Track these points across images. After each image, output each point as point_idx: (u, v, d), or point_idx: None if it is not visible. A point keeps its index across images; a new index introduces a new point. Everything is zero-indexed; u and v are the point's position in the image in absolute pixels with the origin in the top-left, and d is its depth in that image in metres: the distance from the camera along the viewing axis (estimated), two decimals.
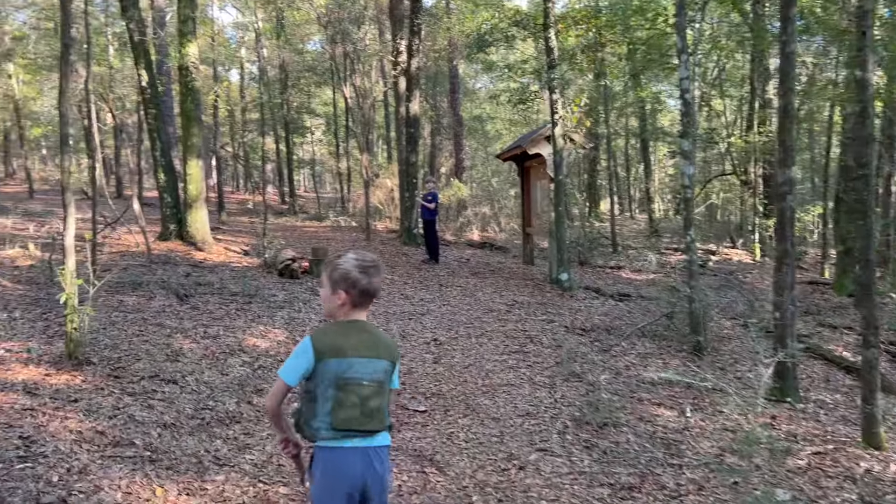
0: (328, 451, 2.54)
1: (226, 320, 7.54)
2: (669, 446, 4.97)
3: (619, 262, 14.27)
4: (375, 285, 2.64)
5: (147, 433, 4.65)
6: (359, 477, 2.52)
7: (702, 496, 4.19)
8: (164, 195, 12.92)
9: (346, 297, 2.60)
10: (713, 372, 6.74)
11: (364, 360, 2.57)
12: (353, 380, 2.53)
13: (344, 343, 2.56)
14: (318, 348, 2.53)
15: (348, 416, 2.52)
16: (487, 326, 8.31)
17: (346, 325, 2.62)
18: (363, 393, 2.55)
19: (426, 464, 4.57)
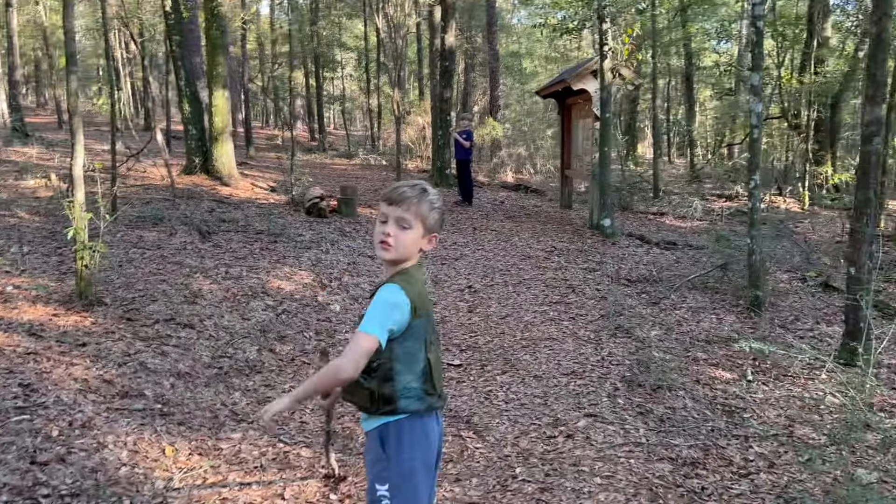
0: (419, 421, 2.18)
1: (249, 260, 7.12)
2: (732, 414, 4.46)
3: (662, 209, 13.57)
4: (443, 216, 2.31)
5: (159, 383, 4.27)
6: (439, 440, 2.27)
7: (773, 474, 3.69)
8: (188, 127, 12.47)
9: (436, 242, 2.24)
10: (773, 330, 6.19)
11: (432, 312, 2.27)
12: (434, 336, 2.25)
13: (426, 295, 2.20)
14: (414, 303, 2.10)
15: (439, 378, 2.24)
16: (525, 274, 7.81)
17: (419, 273, 2.21)
18: (439, 349, 2.29)
19: (463, 426, 4.13)
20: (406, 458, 2.16)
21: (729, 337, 5.93)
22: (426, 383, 2.17)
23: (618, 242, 9.44)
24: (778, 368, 5.29)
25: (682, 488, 3.43)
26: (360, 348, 2.02)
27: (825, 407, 4.66)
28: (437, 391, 2.21)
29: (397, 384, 2.13)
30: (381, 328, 2.04)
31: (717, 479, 3.55)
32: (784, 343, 5.79)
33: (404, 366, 2.13)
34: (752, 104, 6.32)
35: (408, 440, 2.16)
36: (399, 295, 2.08)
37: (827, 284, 7.75)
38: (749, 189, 6.51)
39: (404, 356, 2.13)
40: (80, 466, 3.27)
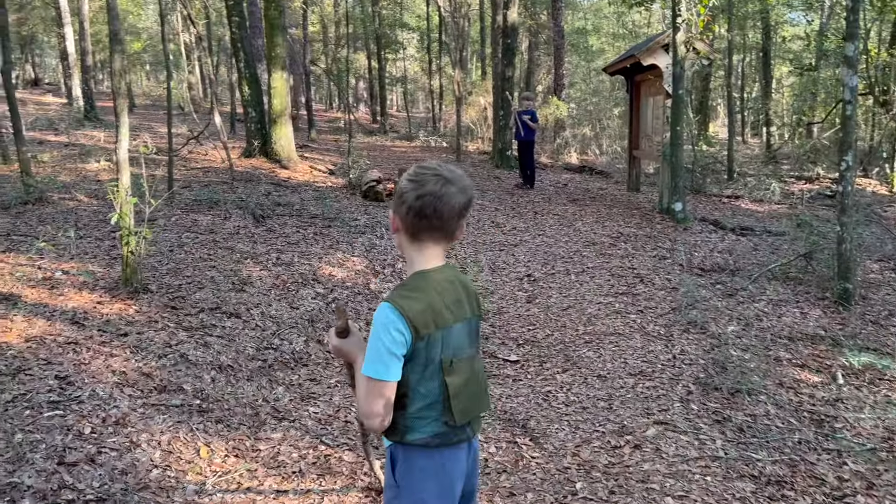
0: (434, 452, 1.84)
1: (302, 245, 6.92)
2: (821, 423, 3.99)
3: (737, 191, 12.82)
4: (452, 204, 1.82)
5: (199, 377, 4.08)
6: (465, 472, 1.92)
7: (873, 497, 3.23)
8: (248, 109, 12.41)
9: (397, 223, 1.90)
10: (865, 326, 5.61)
11: (463, 325, 1.88)
12: (461, 354, 1.85)
13: (442, 307, 1.82)
14: (414, 322, 1.75)
15: (466, 406, 1.85)
16: (589, 262, 7.37)
17: (439, 275, 1.86)
18: (474, 368, 1.90)
19: (518, 431, 3.80)
20: (418, 489, 1.85)
21: (815, 334, 5.39)
22: (444, 413, 1.81)
23: (690, 228, 8.87)
24: (873, 371, 4.75)
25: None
26: (370, 398, 1.75)
27: None
28: (458, 422, 1.83)
29: (407, 411, 1.81)
30: (382, 366, 1.73)
31: (807, 503, 3.12)
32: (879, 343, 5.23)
33: (415, 392, 1.80)
34: (846, 77, 5.69)
35: (419, 472, 1.85)
36: (389, 317, 1.74)
37: None
38: (841, 171, 5.90)
39: (413, 381, 1.79)
40: (109, 468, 3.09)
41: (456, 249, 7.87)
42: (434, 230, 1.81)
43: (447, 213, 1.79)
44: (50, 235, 6.09)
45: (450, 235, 1.84)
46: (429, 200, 1.77)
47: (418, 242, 1.84)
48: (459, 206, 1.80)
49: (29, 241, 6.01)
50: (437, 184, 1.79)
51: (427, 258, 1.84)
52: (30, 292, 4.82)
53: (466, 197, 1.82)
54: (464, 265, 7.29)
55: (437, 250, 1.85)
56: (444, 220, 1.79)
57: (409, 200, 1.79)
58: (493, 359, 4.93)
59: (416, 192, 1.79)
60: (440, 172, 1.81)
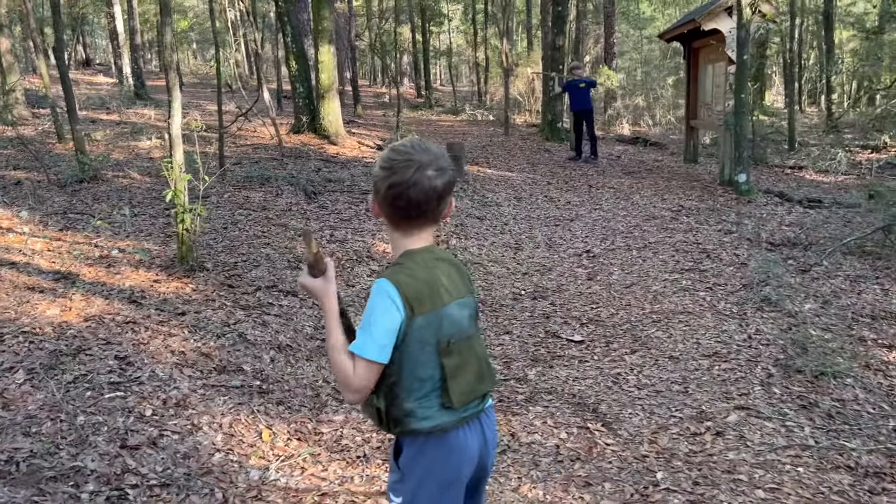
0: (441, 439, 1.75)
1: (354, 222, 6.80)
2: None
3: (800, 162, 12.27)
4: (423, 188, 1.68)
5: (258, 357, 3.99)
6: (475, 457, 1.82)
7: None
8: (296, 85, 12.32)
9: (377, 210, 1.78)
10: None
11: (460, 303, 1.76)
12: (461, 333, 1.74)
13: (439, 284, 1.72)
14: (408, 298, 1.65)
15: (466, 388, 1.75)
16: (650, 237, 7.09)
17: (427, 256, 1.76)
18: (474, 348, 1.79)
19: (589, 416, 3.61)
20: (422, 476, 1.77)
21: None
22: (443, 396, 1.72)
23: (754, 200, 8.48)
24: None
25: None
26: (358, 376, 1.64)
27: None
28: (456, 405, 1.73)
29: (405, 402, 1.71)
30: (377, 347, 1.63)
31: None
32: None
33: (410, 376, 1.69)
34: None
35: (422, 458, 1.77)
36: (387, 295, 1.64)
37: None
38: None
39: (408, 364, 1.68)
40: (171, 451, 3.01)
41: (510, 225, 7.67)
42: (412, 218, 1.71)
43: (423, 199, 1.67)
44: (105, 213, 6.08)
45: (433, 218, 1.74)
46: (400, 190, 1.66)
47: (402, 230, 1.74)
48: (436, 191, 1.68)
49: (85, 219, 6.02)
50: (408, 170, 1.66)
51: (412, 241, 1.74)
52: (87, 271, 4.79)
53: (444, 179, 1.69)
54: (518, 241, 7.08)
55: (423, 234, 1.75)
56: (422, 207, 1.68)
57: (381, 189, 1.69)
58: (555, 339, 4.74)
59: (388, 181, 1.67)
60: (412, 157, 1.68)
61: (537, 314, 5.17)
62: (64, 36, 7.17)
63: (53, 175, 7.40)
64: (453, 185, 1.74)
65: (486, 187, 9.33)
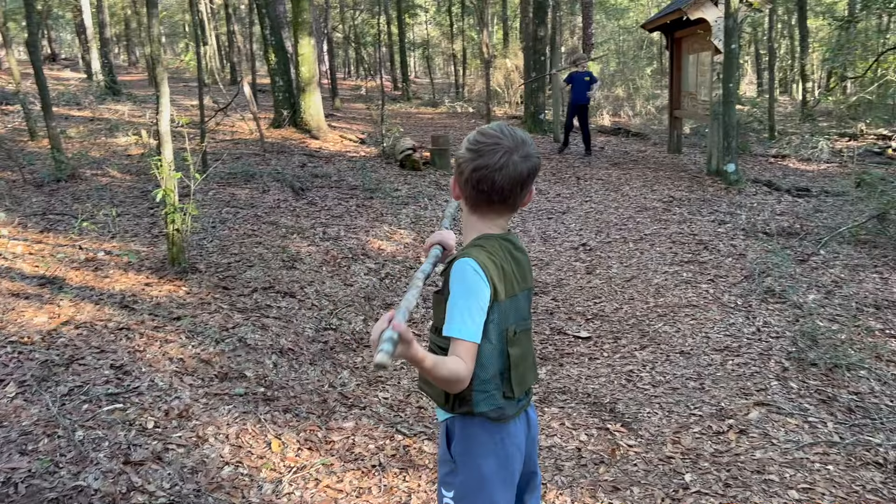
0: (497, 427, 1.74)
1: (346, 218, 6.64)
2: None
3: (782, 151, 12.31)
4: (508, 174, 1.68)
5: (260, 362, 3.83)
6: (524, 449, 1.82)
7: None
8: (275, 78, 12.07)
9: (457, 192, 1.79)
10: None
11: (525, 294, 1.79)
12: (523, 324, 1.77)
13: (510, 272, 1.73)
14: (493, 281, 1.65)
15: (522, 378, 1.77)
16: (645, 228, 7.02)
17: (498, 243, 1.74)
18: (531, 339, 1.83)
19: (606, 417, 3.52)
20: (476, 465, 1.74)
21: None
22: (504, 384, 1.72)
23: (744, 190, 8.46)
24: None
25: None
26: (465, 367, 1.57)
27: None
28: (515, 394, 1.74)
29: (472, 382, 1.67)
30: (475, 327, 1.60)
31: None
32: None
33: (479, 361, 1.66)
34: None
35: (478, 445, 1.74)
36: (476, 274, 1.62)
37: None
38: None
39: (483, 348, 1.66)
40: (178, 466, 2.85)
41: None
42: (493, 203, 1.71)
43: (507, 185, 1.67)
44: (88, 214, 5.85)
45: (513, 205, 1.74)
46: (486, 174, 1.66)
47: (479, 211, 1.74)
48: (522, 177, 1.68)
49: (66, 220, 5.79)
50: (495, 154, 1.66)
51: (489, 226, 1.74)
52: (74, 275, 4.58)
53: (530, 164, 1.69)
54: None
55: (500, 220, 1.75)
56: (505, 192, 1.68)
57: (465, 172, 1.69)
58: (562, 335, 4.64)
59: (474, 164, 1.67)
60: (500, 141, 1.67)
61: (540, 310, 5.07)
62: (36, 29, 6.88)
63: (29, 174, 7.12)
64: (537, 172, 1.72)
65: None
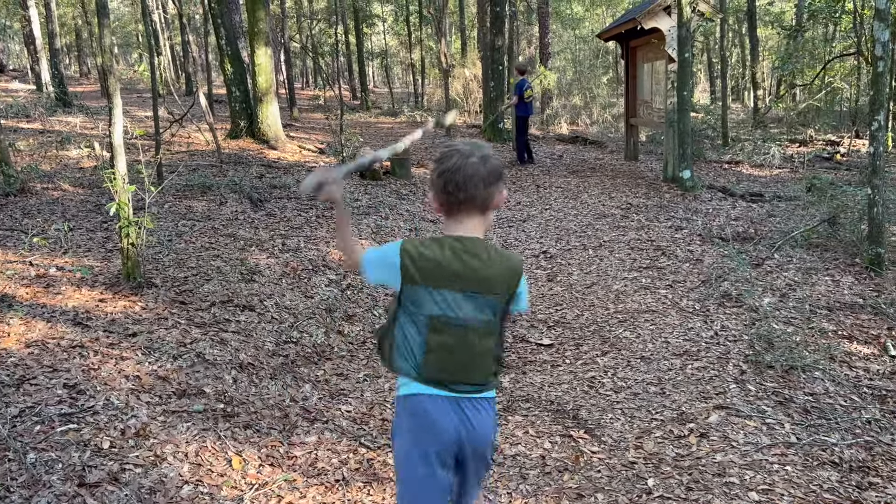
0: (420, 402, 1.93)
1: (306, 230, 6.58)
2: (884, 399, 3.77)
3: (735, 157, 12.61)
4: (456, 178, 1.87)
5: (219, 378, 3.76)
6: (453, 436, 1.92)
7: None
8: (231, 89, 11.91)
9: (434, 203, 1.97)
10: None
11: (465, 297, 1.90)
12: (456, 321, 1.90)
13: (446, 268, 1.88)
14: (406, 263, 1.88)
15: (441, 367, 1.91)
16: (604, 235, 7.10)
17: (449, 241, 1.91)
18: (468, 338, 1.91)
19: (570, 424, 3.54)
20: (399, 443, 1.99)
21: (853, 302, 5.18)
22: (425, 367, 1.91)
23: (699, 196, 8.63)
24: None
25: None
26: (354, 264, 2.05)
27: None
28: (426, 375, 1.91)
29: (394, 353, 1.96)
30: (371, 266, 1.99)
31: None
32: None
33: (399, 331, 1.94)
34: (878, 31, 5.43)
35: (397, 426, 2.00)
36: (394, 246, 1.91)
37: None
38: (872, 131, 5.66)
39: (403, 321, 1.93)
40: (135, 487, 2.78)
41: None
42: (461, 203, 1.88)
43: (469, 184, 1.86)
44: (39, 229, 5.69)
45: (481, 205, 1.90)
46: (448, 176, 1.87)
47: (453, 218, 1.91)
48: (481, 175, 1.87)
49: (16, 236, 5.61)
50: (453, 158, 1.88)
51: (458, 229, 1.91)
52: (24, 292, 4.44)
53: (489, 166, 1.88)
54: None
55: (468, 223, 1.91)
56: (468, 191, 1.86)
57: (435, 181, 1.91)
58: (524, 343, 4.66)
59: (438, 170, 1.90)
60: (458, 148, 1.91)
61: None
62: None
63: None
64: (499, 175, 1.91)
65: None
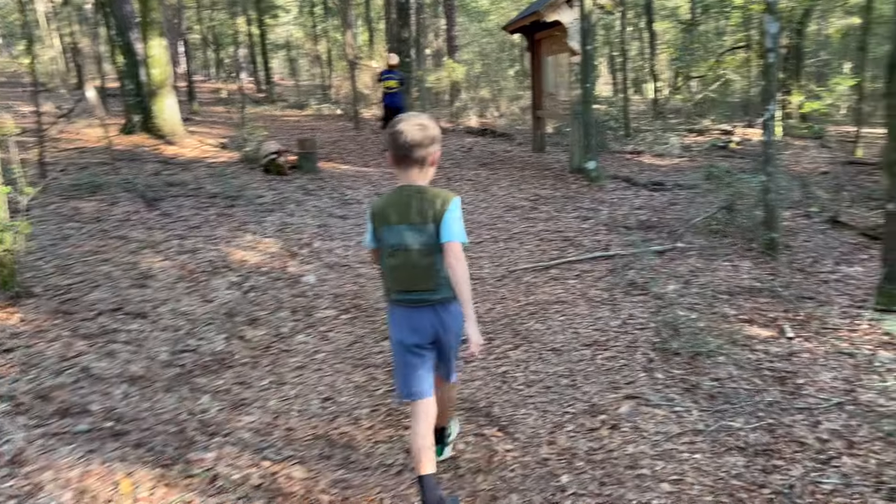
0: (392, 309, 2.70)
1: (205, 229, 6.26)
2: (783, 381, 3.88)
3: (637, 147, 12.95)
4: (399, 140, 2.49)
5: (107, 394, 3.48)
6: (428, 331, 2.62)
7: (857, 457, 3.12)
8: (124, 82, 11.30)
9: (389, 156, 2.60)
10: (794, 275, 5.64)
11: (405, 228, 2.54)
12: (400, 246, 2.55)
13: (389, 210, 2.56)
14: (373, 212, 2.63)
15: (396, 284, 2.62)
16: (514, 227, 7.10)
17: (395, 191, 2.59)
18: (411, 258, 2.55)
19: (483, 422, 3.46)
20: (390, 328, 2.73)
21: (752, 286, 5.35)
22: (387, 281, 2.66)
23: (604, 186, 8.78)
24: (815, 319, 4.73)
25: (767, 489, 2.83)
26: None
27: (881, 364, 4.12)
28: (390, 290, 2.65)
29: (382, 279, 2.71)
30: (367, 236, 2.69)
31: (800, 472, 2.96)
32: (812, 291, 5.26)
33: (381, 264, 2.66)
34: (768, 24, 5.62)
35: (389, 322, 2.72)
36: (367, 211, 2.72)
37: (835, 220, 7.25)
38: (764, 120, 5.86)
39: (382, 256, 2.65)
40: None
41: None
42: (401, 158, 2.52)
43: (405, 143, 2.48)
44: None
45: (421, 161, 2.52)
46: (390, 137, 2.52)
47: (401, 170, 2.55)
48: (415, 139, 2.47)
49: None
50: (398, 123, 2.51)
51: (402, 178, 2.56)
52: None
53: (424, 132, 2.50)
54: None
55: (408, 174, 2.54)
56: (405, 148, 2.48)
57: (387, 141, 2.53)
58: None
59: (390, 134, 2.52)
60: (404, 117, 2.55)
61: None
62: None
63: None
64: (434, 138, 2.52)
65: (343, 184, 8.99)
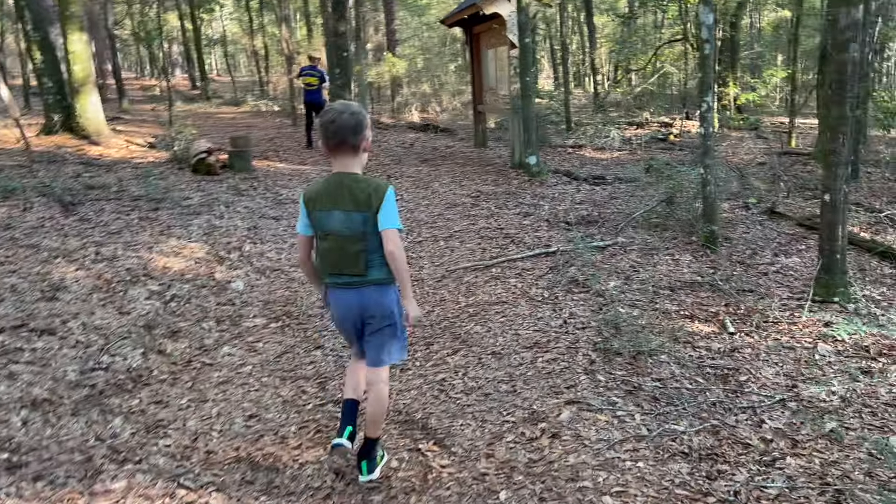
0: (328, 291, 2.79)
1: (126, 234, 5.89)
2: (726, 379, 3.80)
3: (578, 141, 12.94)
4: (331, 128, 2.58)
5: (4, 421, 3.17)
6: (356, 310, 2.73)
7: (801, 457, 3.04)
8: (42, 79, 10.69)
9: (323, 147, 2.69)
10: (733, 267, 5.62)
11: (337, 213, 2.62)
12: (332, 232, 2.64)
13: (322, 196, 2.64)
14: (306, 198, 2.68)
15: (326, 266, 2.72)
16: (454, 225, 6.93)
17: (331, 177, 2.66)
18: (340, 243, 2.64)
19: (419, 435, 3.27)
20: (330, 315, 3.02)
21: (692, 281, 5.30)
22: (323, 265, 2.74)
23: (545, 181, 8.68)
24: (756, 313, 4.69)
25: (712, 497, 2.71)
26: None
27: (821, 357, 4.09)
28: (322, 272, 2.76)
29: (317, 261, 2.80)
30: (300, 224, 2.75)
31: (745, 476, 2.86)
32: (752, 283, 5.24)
33: (317, 247, 2.74)
34: (703, 15, 5.57)
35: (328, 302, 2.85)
36: (300, 198, 2.72)
37: (773, 211, 7.30)
38: (701, 112, 5.82)
39: (316, 240, 2.73)
40: None
41: None
42: (334, 146, 2.59)
43: (336, 131, 2.57)
44: None
45: (353, 148, 2.60)
46: (327, 126, 2.59)
47: (334, 158, 2.62)
48: (350, 126, 2.56)
49: None
50: (331, 114, 2.59)
51: (335, 166, 2.63)
52: None
53: (354, 119, 2.58)
54: None
55: (342, 160, 2.61)
56: (337, 135, 2.57)
57: (320, 131, 2.60)
58: None
59: (322, 123, 2.60)
60: (335, 107, 2.62)
61: None
62: None
63: None
64: (364, 125, 2.61)
65: (278, 183, 8.67)
